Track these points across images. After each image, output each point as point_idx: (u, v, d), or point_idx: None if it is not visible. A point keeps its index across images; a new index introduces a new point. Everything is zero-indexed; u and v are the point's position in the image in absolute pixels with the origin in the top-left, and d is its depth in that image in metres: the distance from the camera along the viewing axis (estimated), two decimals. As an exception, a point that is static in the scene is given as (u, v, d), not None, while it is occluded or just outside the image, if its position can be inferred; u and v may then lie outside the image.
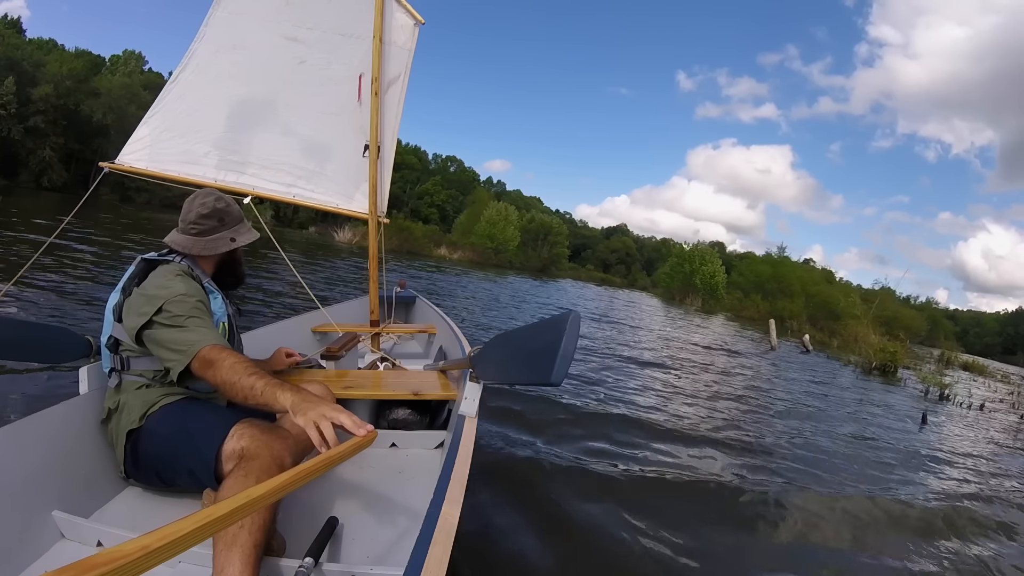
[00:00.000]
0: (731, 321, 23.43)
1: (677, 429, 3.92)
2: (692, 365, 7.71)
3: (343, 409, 1.10)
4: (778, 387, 7.20)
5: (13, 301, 4.11)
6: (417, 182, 55.62)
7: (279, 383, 1.18)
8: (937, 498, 3.42)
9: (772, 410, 5.43)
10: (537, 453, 2.93)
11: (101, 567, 0.51)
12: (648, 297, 36.68)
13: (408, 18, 3.26)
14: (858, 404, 6.99)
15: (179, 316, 1.32)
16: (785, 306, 27.39)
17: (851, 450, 4.32)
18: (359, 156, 3.18)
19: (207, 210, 1.53)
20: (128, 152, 2.83)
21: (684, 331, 14.11)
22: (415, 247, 33.45)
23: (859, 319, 18.47)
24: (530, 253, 45.20)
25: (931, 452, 4.77)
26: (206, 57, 2.90)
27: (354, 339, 2.90)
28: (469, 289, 14.86)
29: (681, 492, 2.80)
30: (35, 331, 1.67)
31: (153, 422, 1.34)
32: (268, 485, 0.79)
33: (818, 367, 10.74)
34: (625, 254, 70.07)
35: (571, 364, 1.13)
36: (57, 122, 31.32)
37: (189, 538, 0.61)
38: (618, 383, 5.33)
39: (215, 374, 1.22)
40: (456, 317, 4.73)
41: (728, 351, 10.76)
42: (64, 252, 7.16)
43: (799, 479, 3.32)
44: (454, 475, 1.16)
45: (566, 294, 22.34)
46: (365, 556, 1.26)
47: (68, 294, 4.81)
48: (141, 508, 1.39)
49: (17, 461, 1.21)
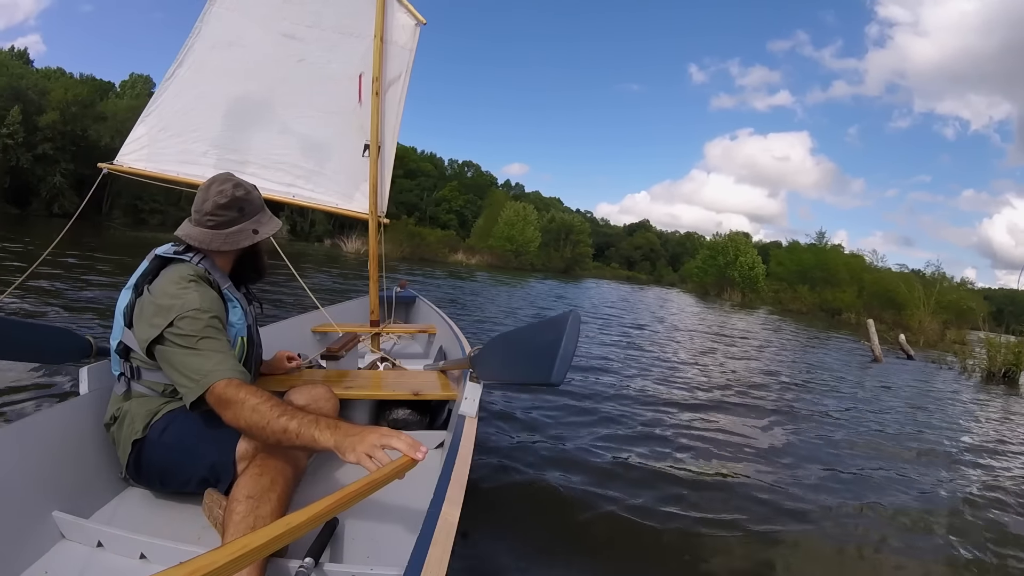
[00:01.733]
0: (779, 316, 21.32)
1: (779, 490, 2.76)
2: (778, 391, 5.47)
3: (393, 433, 1.02)
4: (938, 430, 4.63)
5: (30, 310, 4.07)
6: (434, 189, 55.08)
7: (314, 420, 1.06)
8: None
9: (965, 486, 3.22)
10: (538, 453, 2.93)
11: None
12: (679, 293, 34.20)
13: (409, 18, 3.25)
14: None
15: (191, 336, 1.21)
16: (836, 297, 25.47)
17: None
18: (359, 156, 3.17)
19: (225, 199, 1.36)
20: (126, 152, 2.82)
21: (737, 335, 11.68)
22: (429, 253, 31.92)
23: (923, 308, 16.70)
24: (552, 254, 43.74)
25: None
26: (202, 54, 2.87)
27: (354, 339, 2.90)
28: (478, 298, 12.80)
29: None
30: (35, 331, 1.67)
31: (156, 431, 1.31)
32: (311, 511, 0.77)
33: (936, 380, 8.01)
34: (649, 250, 69.62)
35: (571, 364, 1.13)
36: (65, 148, 31.37)
37: (227, 568, 0.61)
38: (664, 417, 3.93)
39: (236, 416, 1.11)
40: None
41: (818, 366, 7.97)
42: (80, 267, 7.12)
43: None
44: (454, 475, 1.16)
45: (587, 294, 20.52)
46: (365, 556, 1.26)
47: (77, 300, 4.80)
48: (142, 509, 1.38)
49: (17, 461, 1.21)
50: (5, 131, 29.50)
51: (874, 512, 2.65)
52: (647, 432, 3.53)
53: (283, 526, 0.72)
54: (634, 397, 4.45)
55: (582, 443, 3.21)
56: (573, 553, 2.03)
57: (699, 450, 3.31)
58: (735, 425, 3.97)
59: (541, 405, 3.77)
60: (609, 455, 3.02)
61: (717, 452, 3.32)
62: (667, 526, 2.32)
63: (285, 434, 1.06)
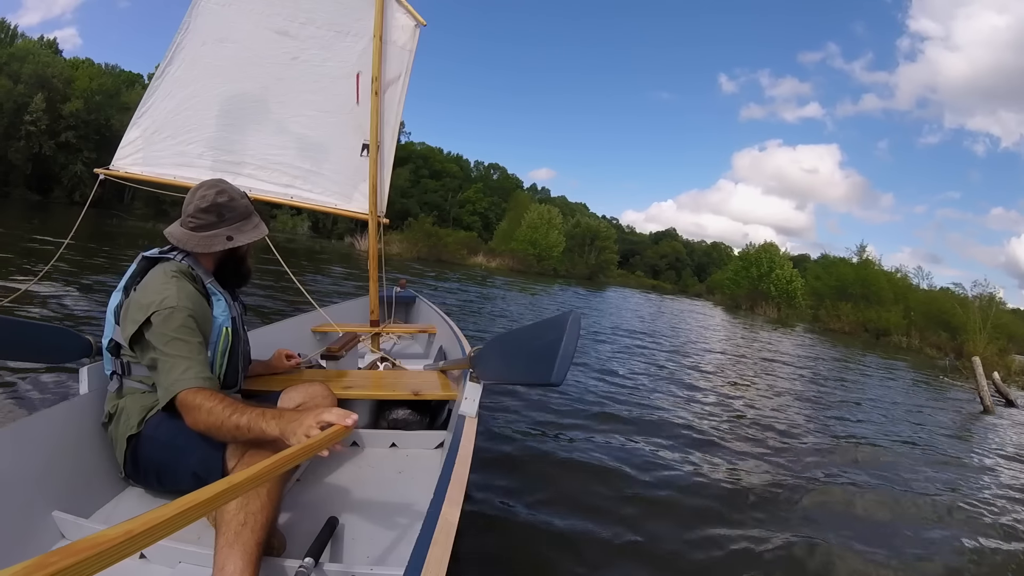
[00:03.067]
0: (819, 335, 19.72)
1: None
2: (890, 461, 3.99)
3: (328, 409, 1.12)
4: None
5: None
6: (459, 190, 54.49)
7: (261, 413, 1.16)
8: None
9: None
10: (539, 454, 2.94)
11: (86, 551, 0.53)
12: (708, 306, 32.05)
13: (409, 19, 3.24)
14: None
15: (163, 335, 1.25)
16: (881, 316, 23.60)
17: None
18: (356, 155, 3.15)
19: (206, 204, 1.43)
20: (122, 156, 2.80)
21: (797, 362, 9.92)
22: (446, 255, 30.54)
23: (980, 332, 15.60)
24: (576, 260, 41.87)
25: None
26: (192, 50, 2.83)
27: (354, 339, 2.90)
28: (492, 306, 11.69)
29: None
30: (35, 331, 1.67)
31: (151, 427, 1.33)
32: (248, 473, 0.81)
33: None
34: (675, 259, 69.13)
35: (571, 364, 1.12)
36: (88, 137, 31.50)
37: (172, 523, 0.63)
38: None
39: (195, 421, 1.20)
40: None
41: (914, 413, 6.36)
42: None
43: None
44: (454, 475, 1.16)
45: (608, 306, 18.14)
46: (365, 556, 1.26)
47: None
48: (141, 508, 1.38)
49: (17, 461, 1.21)
50: (28, 118, 29.60)
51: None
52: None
53: (224, 484, 0.75)
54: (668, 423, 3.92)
55: (590, 447, 3.22)
56: (574, 552, 2.04)
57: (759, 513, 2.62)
58: (828, 511, 2.83)
59: (542, 406, 3.78)
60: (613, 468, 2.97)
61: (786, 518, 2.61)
62: (670, 527, 2.33)
63: (238, 430, 1.15)
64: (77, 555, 0.52)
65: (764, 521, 2.55)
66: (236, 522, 1.05)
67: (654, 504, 2.53)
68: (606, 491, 2.58)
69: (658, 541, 2.20)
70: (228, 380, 1.49)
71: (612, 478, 2.75)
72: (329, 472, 1.66)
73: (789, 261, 35.41)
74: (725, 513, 2.56)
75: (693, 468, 3.10)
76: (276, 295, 6.68)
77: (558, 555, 1.98)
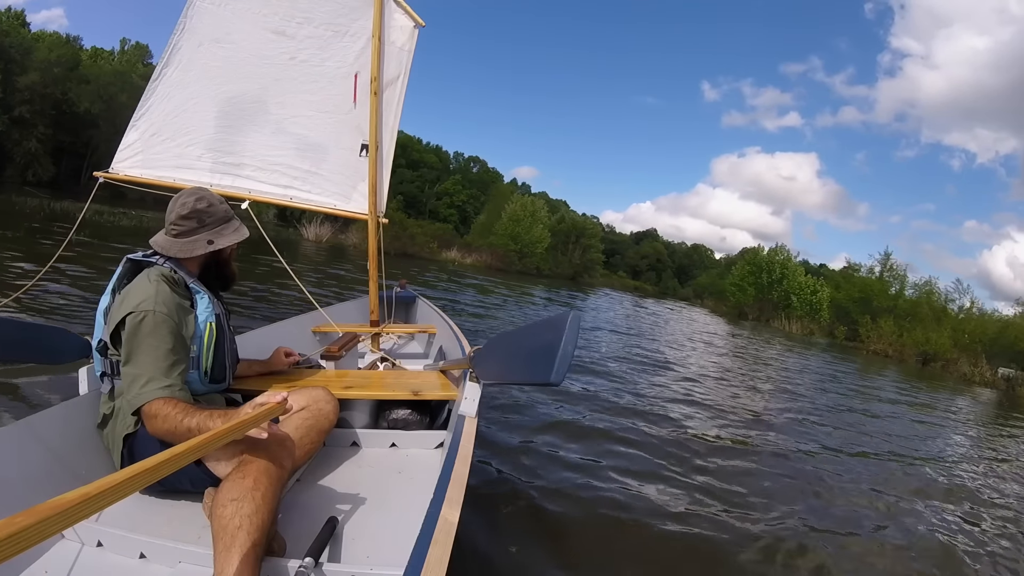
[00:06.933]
0: (865, 359, 16.91)
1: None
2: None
3: (265, 395, 1.23)
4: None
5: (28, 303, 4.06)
6: (436, 182, 52.27)
7: (209, 414, 1.23)
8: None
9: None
10: (538, 455, 2.94)
11: (47, 511, 0.60)
12: (705, 313, 28.32)
13: (407, 20, 3.23)
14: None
15: (134, 338, 1.30)
16: (929, 339, 20.47)
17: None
18: (355, 156, 3.15)
19: (186, 211, 1.48)
20: (121, 159, 2.79)
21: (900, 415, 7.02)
22: (414, 250, 26.07)
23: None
24: (560, 258, 38.00)
25: None
26: (188, 51, 2.83)
27: (354, 339, 2.90)
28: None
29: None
30: (35, 331, 1.68)
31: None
32: (191, 443, 0.86)
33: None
34: (656, 260, 68.09)
35: (570, 364, 1.13)
36: (44, 112, 28.39)
37: (125, 486, 0.71)
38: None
39: (154, 429, 1.26)
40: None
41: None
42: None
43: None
44: (454, 475, 1.16)
45: (601, 313, 15.09)
46: (365, 556, 1.26)
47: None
48: (141, 508, 1.39)
49: (17, 461, 1.21)
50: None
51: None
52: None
53: (167, 454, 0.80)
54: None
55: (591, 447, 3.22)
56: (574, 553, 2.04)
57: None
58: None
59: (542, 406, 3.78)
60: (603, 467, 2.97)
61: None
62: (672, 528, 2.33)
63: (190, 432, 1.19)
64: (38, 515, 0.59)
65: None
66: (232, 526, 1.06)
67: (656, 504, 2.53)
68: (607, 491, 2.59)
69: (659, 541, 2.20)
70: (216, 375, 1.51)
71: (613, 478, 2.75)
72: (329, 472, 1.66)
73: (801, 268, 31.71)
74: (732, 519, 2.56)
75: (700, 471, 3.10)
76: (276, 293, 6.67)
77: (558, 555, 1.98)
